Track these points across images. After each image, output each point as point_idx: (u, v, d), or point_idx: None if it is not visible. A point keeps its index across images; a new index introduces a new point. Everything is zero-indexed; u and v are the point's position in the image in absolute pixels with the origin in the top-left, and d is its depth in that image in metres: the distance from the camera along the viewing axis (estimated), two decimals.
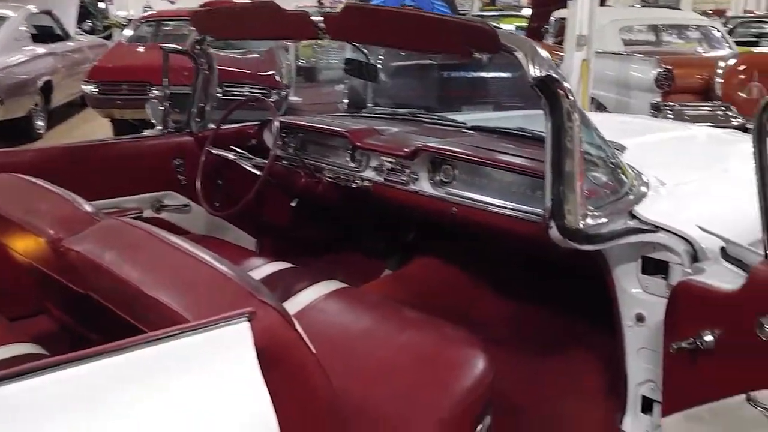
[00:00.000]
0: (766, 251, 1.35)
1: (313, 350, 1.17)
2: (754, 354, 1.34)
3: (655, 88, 6.23)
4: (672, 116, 6.03)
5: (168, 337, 0.94)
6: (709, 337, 1.47)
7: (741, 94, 6.22)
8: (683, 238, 1.66)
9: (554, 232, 1.59)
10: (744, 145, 2.78)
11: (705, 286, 1.49)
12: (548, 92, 1.51)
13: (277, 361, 1.04)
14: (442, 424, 1.54)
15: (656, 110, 6.16)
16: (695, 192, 1.96)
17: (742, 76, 6.23)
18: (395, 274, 2.78)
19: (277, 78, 6.74)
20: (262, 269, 2.08)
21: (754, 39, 10.04)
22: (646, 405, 1.84)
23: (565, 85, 1.53)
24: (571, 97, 1.53)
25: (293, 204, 2.61)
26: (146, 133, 2.65)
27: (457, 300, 2.51)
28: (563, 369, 2.18)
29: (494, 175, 2.01)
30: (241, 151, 2.57)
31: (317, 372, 1.17)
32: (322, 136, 2.55)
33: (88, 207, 1.49)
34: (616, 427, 1.86)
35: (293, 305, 1.84)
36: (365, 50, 2.39)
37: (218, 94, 2.77)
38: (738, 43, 8.14)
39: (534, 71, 1.50)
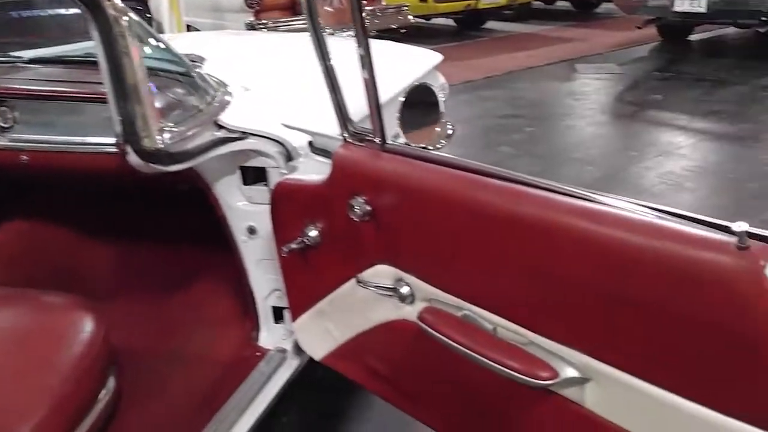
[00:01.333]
0: (343, 134, 1.35)
1: None
2: (353, 237, 1.35)
3: (246, 8, 6.27)
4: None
5: None
6: (313, 233, 1.46)
7: (326, 8, 6.56)
8: (274, 140, 1.61)
9: (133, 158, 1.42)
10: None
11: (298, 182, 1.46)
12: None
13: None
14: (55, 409, 1.31)
15: (252, 29, 6.21)
16: (280, 93, 1.93)
17: None
18: None
19: None
20: None
21: None
22: (278, 314, 1.82)
23: None
24: (116, 1, 1.33)
25: None
26: None
27: (57, 261, 2.20)
28: (190, 301, 2.06)
29: (64, 110, 1.73)
30: None
31: None
32: None
33: None
34: (253, 345, 1.82)
35: None
36: None
37: None
38: None
39: None
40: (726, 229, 0.81)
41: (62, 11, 4.48)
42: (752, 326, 0.78)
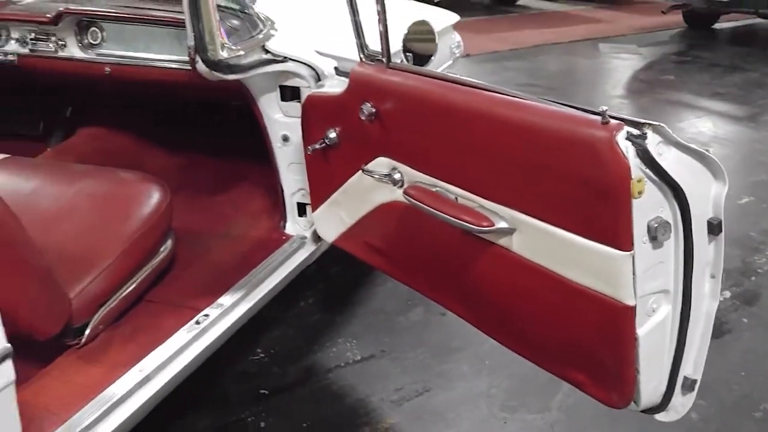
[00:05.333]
0: (360, 56, 1.78)
1: None
2: (361, 134, 1.78)
3: None
4: None
5: None
6: (332, 134, 1.89)
7: None
8: (307, 65, 2.05)
9: (201, 66, 1.85)
10: None
11: (323, 94, 1.90)
12: None
13: None
14: (125, 250, 1.79)
15: None
16: (314, 28, 2.36)
17: None
18: (58, 147, 2.81)
19: None
20: None
21: None
22: (301, 210, 2.27)
23: None
24: None
25: None
26: None
27: (127, 160, 2.67)
28: (234, 196, 2.52)
29: (141, 31, 2.18)
30: None
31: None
32: None
33: None
34: (281, 231, 2.28)
35: None
36: None
37: None
38: None
39: None
40: (596, 113, 1.24)
41: None
42: (606, 177, 1.21)
